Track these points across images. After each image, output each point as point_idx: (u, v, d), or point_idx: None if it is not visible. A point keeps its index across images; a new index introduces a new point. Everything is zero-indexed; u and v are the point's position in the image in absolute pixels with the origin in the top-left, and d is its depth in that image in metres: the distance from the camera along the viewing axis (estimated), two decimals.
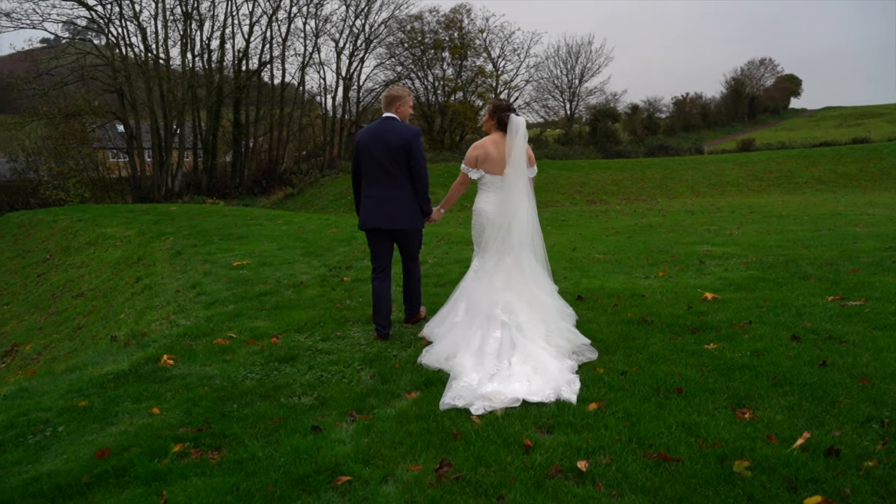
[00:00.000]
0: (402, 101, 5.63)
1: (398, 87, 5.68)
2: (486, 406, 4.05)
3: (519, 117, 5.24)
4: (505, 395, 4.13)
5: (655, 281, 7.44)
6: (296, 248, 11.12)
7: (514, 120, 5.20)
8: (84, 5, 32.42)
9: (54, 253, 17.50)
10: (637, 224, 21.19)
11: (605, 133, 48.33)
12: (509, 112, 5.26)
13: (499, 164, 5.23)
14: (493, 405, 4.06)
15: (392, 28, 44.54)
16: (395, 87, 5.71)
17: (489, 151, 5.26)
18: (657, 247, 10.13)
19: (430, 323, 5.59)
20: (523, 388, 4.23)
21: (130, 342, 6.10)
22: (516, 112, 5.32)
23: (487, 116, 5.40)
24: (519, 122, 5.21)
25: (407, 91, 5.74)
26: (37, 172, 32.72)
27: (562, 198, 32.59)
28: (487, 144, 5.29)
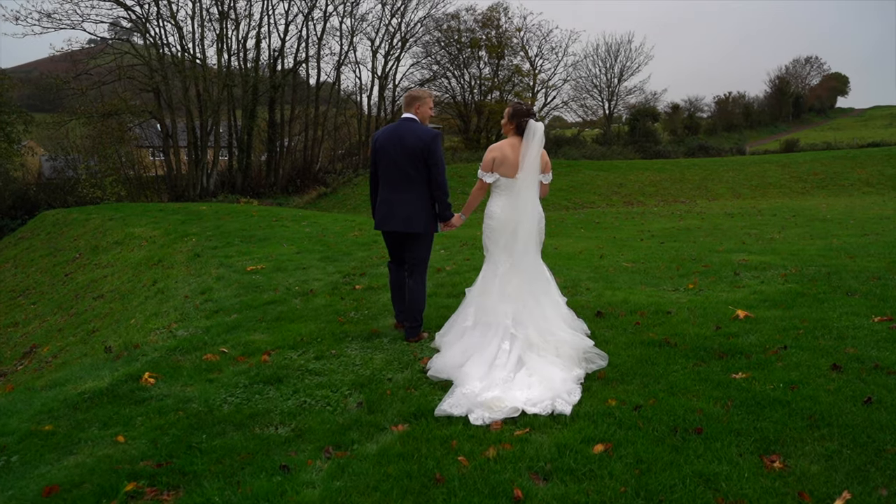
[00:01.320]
0: (422, 102, 5.54)
1: (418, 89, 5.61)
2: (486, 417, 4.02)
3: (538, 122, 5.19)
4: (504, 404, 4.10)
5: (684, 294, 6.91)
6: (314, 252, 10.82)
7: (532, 124, 5.14)
8: (122, 5, 32.67)
9: (83, 252, 17.49)
10: (674, 227, 20.52)
11: (645, 133, 47.36)
12: (528, 117, 5.21)
13: (513, 168, 5.19)
14: (492, 415, 4.03)
15: (428, 27, 44.21)
16: (416, 88, 5.64)
17: (506, 154, 5.23)
18: (689, 255, 9.56)
19: (440, 332, 5.46)
20: (524, 395, 4.23)
21: (122, 354, 5.82)
22: (535, 117, 5.27)
23: (506, 120, 5.33)
24: (537, 126, 5.16)
25: (428, 92, 5.67)
26: (75, 171, 33.10)
27: (598, 199, 31.92)
28: (504, 147, 5.26)
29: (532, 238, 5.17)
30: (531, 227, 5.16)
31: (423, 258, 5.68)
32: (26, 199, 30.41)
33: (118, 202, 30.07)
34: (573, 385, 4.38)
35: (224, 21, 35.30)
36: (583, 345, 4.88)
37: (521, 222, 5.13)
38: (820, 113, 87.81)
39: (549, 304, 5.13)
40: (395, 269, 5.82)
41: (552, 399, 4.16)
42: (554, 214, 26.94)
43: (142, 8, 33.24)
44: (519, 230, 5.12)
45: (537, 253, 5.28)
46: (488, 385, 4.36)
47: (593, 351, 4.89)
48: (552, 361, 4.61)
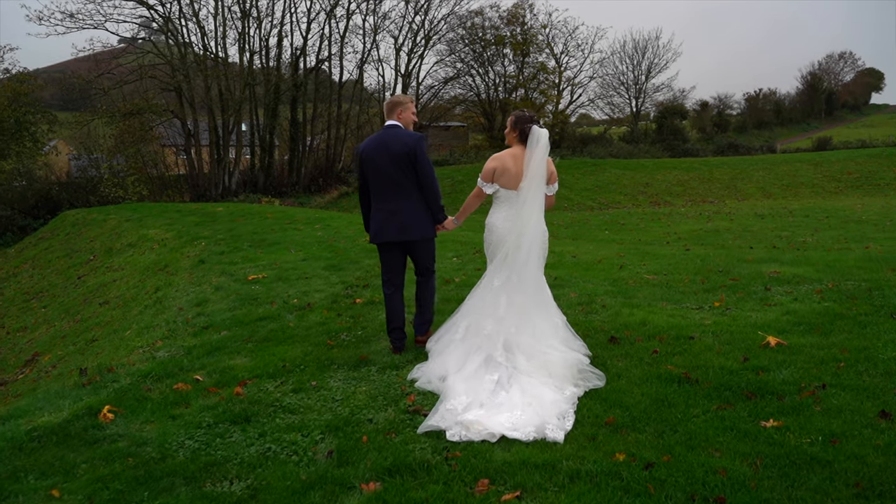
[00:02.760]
0: (403, 107, 5.45)
1: (399, 95, 5.63)
2: (462, 435, 3.89)
3: (542, 129, 4.98)
4: (483, 428, 3.93)
5: (709, 314, 6.29)
6: (320, 260, 10.36)
7: (536, 131, 4.95)
8: (144, 4, 32.56)
9: (98, 254, 17.26)
10: (702, 229, 19.78)
11: (672, 131, 46.31)
12: (531, 123, 5.02)
13: (515, 179, 5.01)
14: (469, 435, 3.88)
15: (452, 24, 43.63)
16: (396, 94, 5.39)
17: (507, 165, 5.04)
18: (716, 265, 8.91)
19: (431, 338, 5.34)
20: (509, 420, 4.02)
21: (94, 378, 5.38)
22: (539, 124, 5.06)
23: (509, 128, 5.16)
24: (541, 133, 4.95)
25: (409, 98, 5.60)
26: (98, 170, 33.09)
27: (624, 199, 31.16)
28: (506, 157, 5.09)
29: (534, 253, 4.99)
30: (534, 241, 4.97)
31: (430, 262, 5.63)
32: (49, 198, 30.40)
33: (139, 202, 29.97)
34: (566, 406, 4.19)
35: (246, 19, 35.07)
36: (577, 362, 4.67)
37: (523, 235, 4.93)
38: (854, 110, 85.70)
39: (545, 322, 4.93)
40: (391, 293, 5.59)
41: (538, 426, 3.95)
42: (578, 215, 26.28)
43: (164, 7, 33.12)
44: (521, 243, 4.93)
45: (539, 268, 5.09)
46: (474, 402, 4.23)
47: (589, 369, 4.67)
48: (544, 382, 4.43)
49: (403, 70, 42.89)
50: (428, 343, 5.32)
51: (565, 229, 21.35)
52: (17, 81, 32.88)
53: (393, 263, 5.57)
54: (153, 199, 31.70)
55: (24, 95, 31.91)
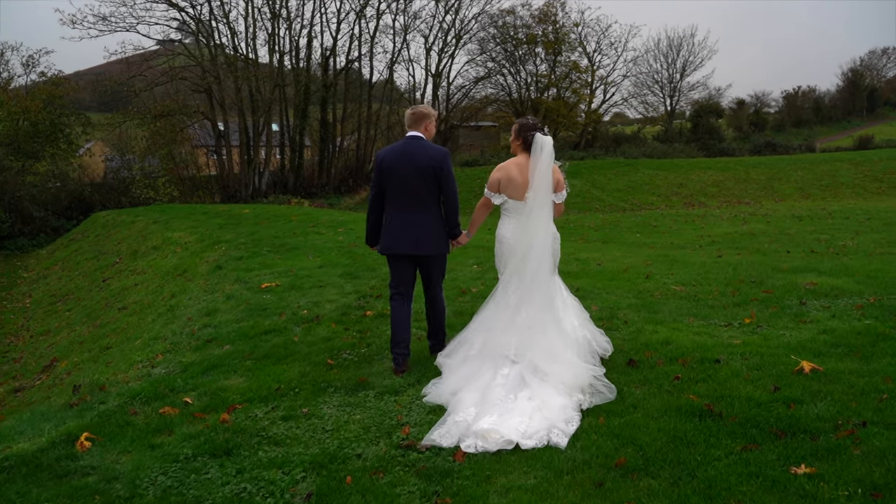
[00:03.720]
0: (429, 119, 5.37)
1: (426, 106, 5.49)
2: (479, 446, 3.87)
3: (546, 136, 4.90)
4: (500, 436, 3.91)
5: (738, 332, 5.84)
6: (337, 267, 10.10)
7: (539, 138, 4.85)
8: (175, 7, 32.73)
9: (124, 256, 17.26)
10: (736, 232, 19.14)
11: (708, 130, 45.25)
12: (535, 131, 4.95)
13: (521, 189, 4.94)
14: (486, 446, 3.86)
15: (483, 23, 43.21)
16: (422, 105, 5.50)
17: (512, 175, 4.98)
18: (749, 275, 8.42)
19: (442, 352, 5.19)
20: (521, 426, 4.01)
21: (85, 398, 5.15)
22: (544, 131, 5.00)
23: (513, 137, 5.10)
24: (545, 140, 4.85)
25: (433, 110, 5.55)
26: (130, 171, 33.36)
27: (657, 200, 30.47)
28: (510, 167, 5.02)
29: (544, 263, 4.88)
30: (543, 251, 4.86)
31: (439, 277, 5.57)
32: (82, 199, 30.72)
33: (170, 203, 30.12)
34: (572, 413, 4.18)
35: (276, 20, 35.09)
36: (588, 377, 4.54)
37: (531, 247, 4.83)
38: None
39: (557, 333, 4.81)
40: (398, 304, 5.43)
41: (548, 430, 3.98)
42: (610, 216, 25.73)
43: (194, 9, 33.26)
44: (529, 255, 4.83)
45: (550, 276, 4.99)
46: (484, 410, 4.18)
47: (600, 381, 4.56)
48: (555, 386, 4.41)
49: (434, 70, 42.63)
50: (439, 357, 5.17)
51: (596, 231, 20.86)
52: (52, 84, 33.33)
53: (403, 275, 5.44)
54: (183, 201, 31.84)
55: (58, 98, 32.32)
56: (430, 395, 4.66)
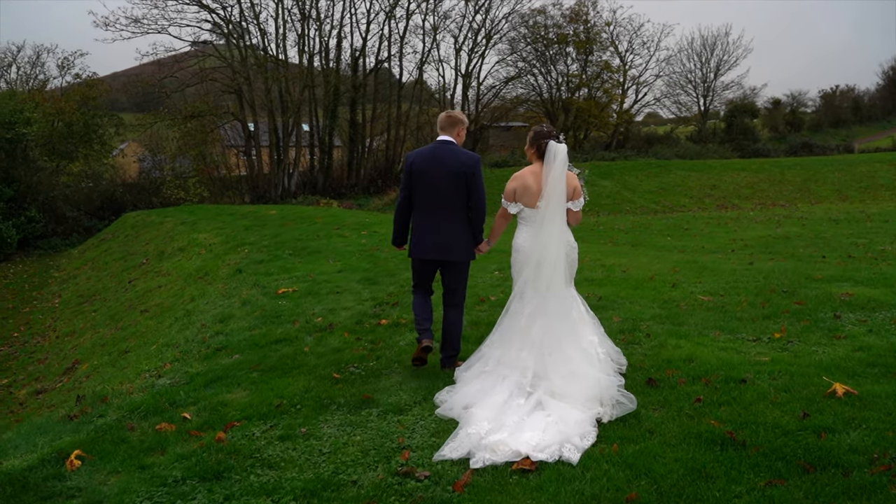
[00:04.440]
0: (463, 126, 5.39)
1: (458, 111, 5.47)
2: (487, 459, 3.81)
3: (559, 144, 4.82)
4: (509, 448, 3.87)
5: (767, 347, 5.53)
6: (357, 271, 9.94)
7: (553, 145, 4.79)
8: (206, 8, 32.95)
9: (150, 257, 17.34)
10: (770, 235, 18.60)
11: (742, 130, 44.30)
12: (548, 138, 4.89)
13: (535, 197, 4.88)
14: (494, 459, 3.80)
15: (514, 23, 42.85)
16: (455, 110, 5.14)
17: (527, 183, 4.93)
18: (781, 284, 8.06)
19: (460, 367, 5.11)
20: (533, 439, 3.95)
21: (86, 410, 5.04)
22: (559, 139, 4.92)
23: (528, 145, 5.07)
24: (558, 148, 4.78)
25: (466, 118, 5.52)
26: (161, 171, 33.68)
27: (689, 202, 29.89)
28: (526, 175, 4.98)
29: (558, 272, 4.80)
30: (556, 260, 4.78)
31: (462, 286, 5.49)
32: (114, 199, 31.06)
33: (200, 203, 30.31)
34: (588, 427, 4.10)
35: (306, 22, 35.15)
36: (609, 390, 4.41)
37: (544, 256, 4.77)
38: None
39: (574, 344, 4.71)
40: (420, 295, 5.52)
41: (560, 444, 3.90)
42: (640, 219, 25.30)
43: (225, 11, 33.45)
44: (543, 264, 4.78)
45: (566, 286, 4.93)
46: (496, 427, 4.11)
47: (620, 392, 4.43)
48: (572, 403, 4.31)
49: (464, 70, 42.41)
50: (457, 371, 5.08)
51: (626, 234, 20.47)
52: (86, 86, 33.76)
53: (426, 276, 5.51)
54: (213, 201, 32.02)
55: (92, 99, 32.72)
56: (443, 405, 4.59)
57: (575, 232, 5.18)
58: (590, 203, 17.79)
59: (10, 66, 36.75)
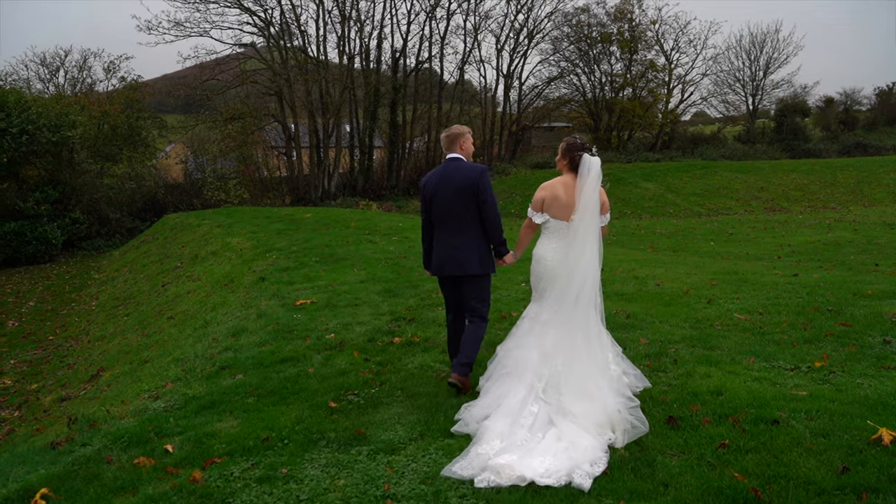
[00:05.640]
0: (463, 138, 5.41)
1: (456, 126, 5.49)
2: (492, 480, 3.79)
3: (594, 157, 4.78)
4: (514, 472, 3.82)
5: (806, 379, 5.02)
6: (379, 282, 9.64)
7: (587, 159, 4.75)
8: (247, 11, 33.14)
9: (185, 261, 17.34)
10: (820, 240, 17.79)
11: (792, 129, 42.84)
12: (583, 151, 4.84)
13: (566, 209, 4.84)
14: (499, 481, 3.77)
15: (557, 22, 42.25)
16: (453, 126, 5.49)
17: (557, 194, 4.89)
18: (826, 301, 7.49)
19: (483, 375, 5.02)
20: (542, 465, 3.88)
21: (73, 435, 4.80)
22: (592, 151, 4.87)
23: (560, 156, 5.02)
24: (592, 161, 4.74)
25: (467, 128, 5.52)
26: (203, 173, 33.95)
27: (735, 204, 28.95)
28: (557, 186, 4.93)
29: (587, 289, 4.68)
30: (586, 275, 4.67)
31: (483, 300, 5.39)
32: (155, 201, 31.40)
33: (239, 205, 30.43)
34: (600, 453, 3.99)
35: (346, 23, 35.13)
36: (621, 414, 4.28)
37: (575, 270, 4.69)
38: None
39: (592, 362, 4.61)
40: (453, 321, 5.54)
41: (569, 470, 3.81)
42: (684, 222, 24.55)
43: (266, 13, 33.60)
44: (573, 279, 4.69)
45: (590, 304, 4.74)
46: (508, 446, 4.07)
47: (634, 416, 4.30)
48: (585, 427, 4.20)
49: (505, 70, 41.97)
50: (481, 381, 5.02)
51: (667, 238, 19.82)
52: (131, 89, 34.27)
53: (450, 295, 5.54)
54: (253, 203, 32.17)
55: (136, 102, 33.18)
56: (459, 422, 4.55)
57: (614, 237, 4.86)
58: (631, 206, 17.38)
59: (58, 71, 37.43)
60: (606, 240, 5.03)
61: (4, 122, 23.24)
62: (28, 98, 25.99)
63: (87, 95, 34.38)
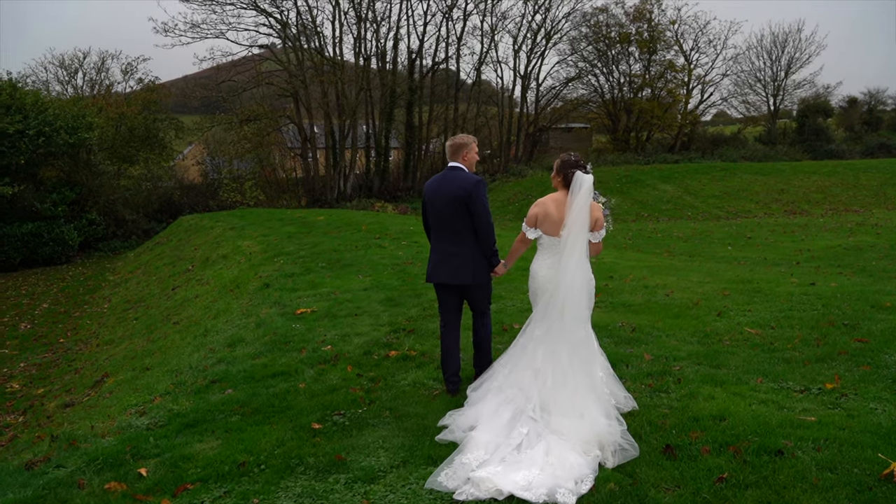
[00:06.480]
0: (467, 148, 5.40)
1: (462, 136, 5.50)
2: (471, 493, 3.79)
3: (586, 175, 4.84)
4: (493, 485, 3.82)
5: (816, 403, 4.75)
6: (382, 290, 9.46)
7: (579, 176, 4.81)
8: (263, 12, 33.17)
9: (196, 264, 17.28)
10: (841, 245, 17.36)
11: (815, 130, 42.07)
12: (576, 168, 4.90)
13: (557, 225, 4.92)
14: (477, 494, 3.78)
15: (575, 22, 41.91)
16: (459, 135, 5.49)
17: (549, 210, 4.98)
18: (842, 313, 7.18)
19: (471, 385, 5.17)
20: (525, 479, 3.87)
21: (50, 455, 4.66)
22: (586, 169, 4.94)
23: (554, 172, 5.09)
24: (584, 178, 4.80)
25: (472, 138, 5.52)
26: (219, 174, 34.02)
27: (755, 207, 28.44)
28: (548, 203, 5.03)
29: (573, 304, 4.71)
30: (573, 291, 4.70)
31: (485, 304, 5.57)
32: (171, 202, 31.47)
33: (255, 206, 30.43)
34: (586, 471, 3.97)
35: (362, 24, 35.05)
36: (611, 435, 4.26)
37: (559, 285, 4.74)
38: None
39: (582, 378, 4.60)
40: (446, 333, 5.51)
41: (551, 489, 3.78)
42: (702, 225, 24.13)
43: (282, 15, 33.60)
44: (557, 293, 4.74)
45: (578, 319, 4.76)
46: (492, 458, 4.08)
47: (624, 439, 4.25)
48: (573, 446, 4.17)
49: (522, 71, 41.72)
50: (469, 389, 5.14)
51: (684, 242, 19.45)
52: (148, 90, 34.42)
53: (448, 303, 5.52)
54: (269, 204, 32.18)
55: (153, 103, 33.32)
56: (445, 429, 4.62)
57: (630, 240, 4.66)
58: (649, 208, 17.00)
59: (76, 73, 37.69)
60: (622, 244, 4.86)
61: (22, 124, 23.37)
62: (45, 100, 26.12)
63: (104, 97, 34.60)
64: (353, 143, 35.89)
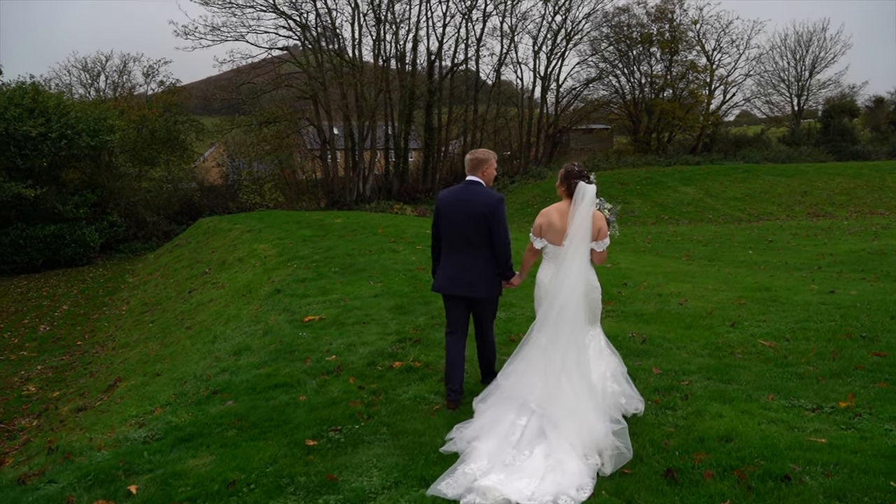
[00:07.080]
0: (488, 164, 5.46)
1: (483, 150, 5.52)
2: (477, 502, 3.83)
3: (589, 185, 4.92)
4: (500, 494, 3.86)
5: (827, 422, 4.58)
6: (392, 297, 9.38)
7: (582, 187, 4.90)
8: (283, 15, 33.29)
9: (213, 267, 17.33)
10: (864, 249, 16.97)
11: (840, 131, 41.37)
12: (579, 178, 4.98)
13: (560, 235, 5.01)
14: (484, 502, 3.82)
15: (595, 22, 41.58)
16: (480, 149, 5.52)
17: (552, 220, 5.08)
18: (860, 324, 6.96)
19: (477, 398, 5.11)
20: (528, 487, 3.93)
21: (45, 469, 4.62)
22: (589, 179, 5.01)
23: (559, 182, 5.17)
24: (587, 189, 4.88)
25: (493, 154, 5.57)
26: (238, 176, 34.17)
27: (777, 209, 28.00)
28: (552, 212, 5.12)
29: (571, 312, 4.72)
30: (573, 299, 4.74)
31: (490, 318, 5.66)
32: (191, 204, 31.67)
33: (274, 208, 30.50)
34: (587, 479, 4.01)
35: (381, 26, 35.04)
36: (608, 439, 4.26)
37: (559, 293, 4.79)
38: None
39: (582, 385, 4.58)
40: (453, 342, 5.52)
41: (555, 495, 3.85)
42: (722, 228, 23.79)
43: (301, 17, 33.71)
44: (556, 299, 4.78)
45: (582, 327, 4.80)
46: (494, 465, 4.13)
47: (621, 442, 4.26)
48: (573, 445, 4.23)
49: (542, 72, 41.46)
50: (475, 402, 5.09)
51: (704, 246, 19.17)
52: (169, 93, 34.67)
53: (457, 314, 5.55)
54: (288, 206, 32.25)
55: (174, 106, 33.55)
56: (450, 441, 4.62)
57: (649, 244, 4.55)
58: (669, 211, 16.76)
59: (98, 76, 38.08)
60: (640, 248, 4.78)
61: (44, 126, 23.62)
62: (67, 103, 26.38)
63: (126, 99, 34.90)
64: (372, 144, 35.91)
